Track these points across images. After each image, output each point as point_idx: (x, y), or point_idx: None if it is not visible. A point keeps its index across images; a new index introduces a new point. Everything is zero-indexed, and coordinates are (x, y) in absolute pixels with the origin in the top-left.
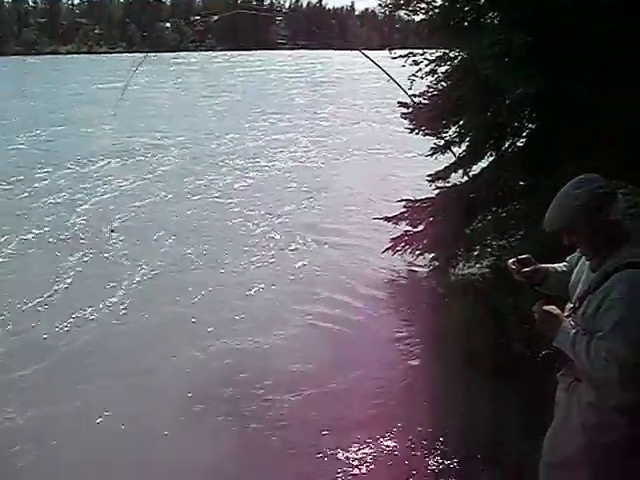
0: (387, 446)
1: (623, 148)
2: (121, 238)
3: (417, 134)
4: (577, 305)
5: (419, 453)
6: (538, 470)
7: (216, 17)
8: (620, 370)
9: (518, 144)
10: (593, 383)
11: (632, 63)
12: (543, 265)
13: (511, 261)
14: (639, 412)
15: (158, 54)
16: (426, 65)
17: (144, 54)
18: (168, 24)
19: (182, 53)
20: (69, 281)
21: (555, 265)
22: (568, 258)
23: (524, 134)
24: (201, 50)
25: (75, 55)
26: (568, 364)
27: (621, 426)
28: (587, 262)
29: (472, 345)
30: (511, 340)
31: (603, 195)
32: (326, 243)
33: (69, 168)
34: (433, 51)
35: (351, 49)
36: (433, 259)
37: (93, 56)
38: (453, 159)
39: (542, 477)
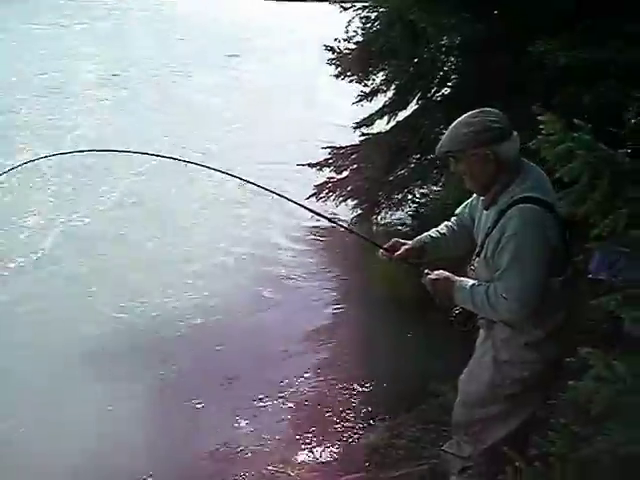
0: (310, 390)
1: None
2: None
3: (343, 79)
4: (480, 250)
5: (345, 394)
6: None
7: None
8: (520, 306)
9: (443, 92)
10: (508, 323)
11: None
12: (416, 239)
13: (380, 252)
14: (548, 347)
15: None
16: (355, 10)
17: None
18: None
19: None
20: None
21: (431, 232)
22: (458, 210)
23: (449, 83)
24: None
25: None
26: None
27: (532, 362)
28: (482, 208)
29: (398, 291)
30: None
31: (496, 130)
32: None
33: None
34: None
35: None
36: (356, 206)
37: None
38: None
39: (456, 416)
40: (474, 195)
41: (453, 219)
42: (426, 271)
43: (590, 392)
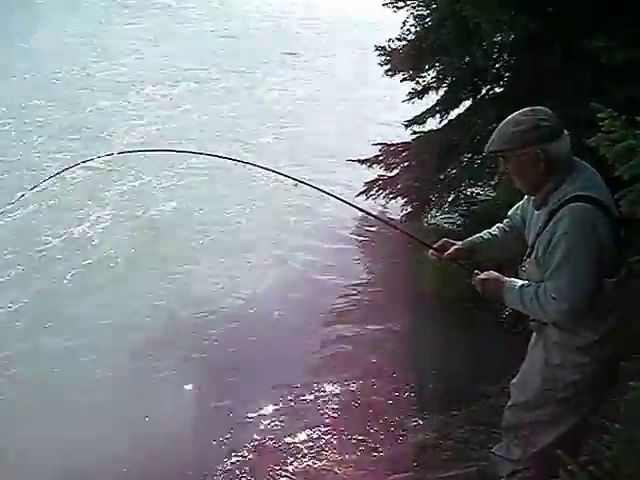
0: (360, 390)
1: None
2: None
3: (393, 76)
4: (530, 250)
5: (394, 393)
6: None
7: None
8: (570, 306)
9: (495, 90)
10: (559, 325)
11: (609, 10)
12: (466, 240)
13: (430, 252)
14: (601, 350)
15: None
16: (411, 8)
17: None
18: None
19: None
20: None
21: (482, 233)
22: (510, 212)
23: (501, 81)
24: None
25: None
26: None
27: (584, 365)
28: (534, 208)
29: (446, 292)
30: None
31: (546, 128)
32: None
33: None
34: None
35: None
36: (406, 204)
37: None
38: (430, 104)
39: (507, 419)
40: (525, 197)
41: (505, 221)
42: (476, 271)
43: None
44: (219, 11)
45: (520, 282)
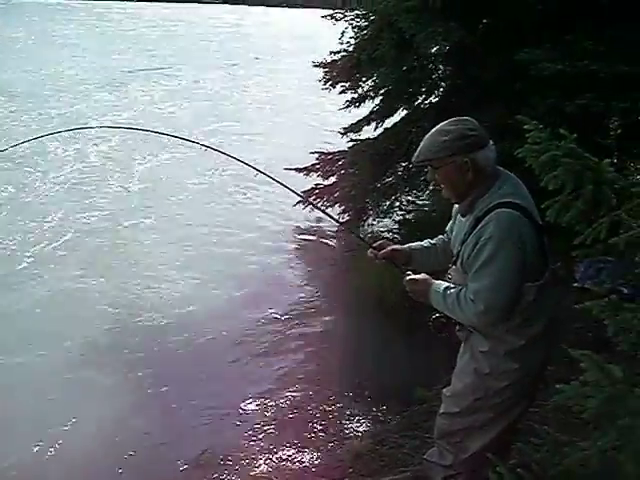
0: (295, 397)
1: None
2: None
3: (333, 87)
4: (456, 257)
5: (329, 400)
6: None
7: None
8: (486, 308)
9: (430, 100)
10: (484, 332)
11: (547, 19)
12: (406, 245)
13: (369, 251)
14: (530, 355)
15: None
16: (345, 21)
17: None
18: None
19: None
20: None
21: (423, 242)
22: (447, 227)
23: (436, 91)
24: None
25: None
26: None
27: (513, 371)
28: (460, 214)
29: (385, 298)
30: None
31: (472, 137)
32: (237, 190)
33: None
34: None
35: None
36: (343, 212)
37: None
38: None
39: (439, 426)
40: (454, 207)
41: (437, 238)
42: (408, 272)
43: (580, 396)
44: None
45: (445, 284)
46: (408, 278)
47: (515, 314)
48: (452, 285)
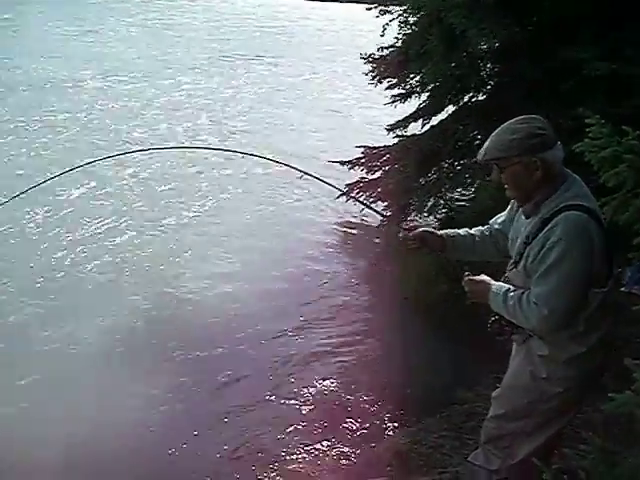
0: (335, 393)
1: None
2: None
3: (380, 82)
4: (518, 259)
5: (370, 398)
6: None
7: None
8: (550, 312)
9: (478, 97)
10: (546, 338)
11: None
12: (444, 231)
13: (401, 233)
14: (589, 362)
15: None
16: (395, 14)
17: None
18: None
19: None
20: None
21: (461, 230)
22: (492, 220)
23: (484, 89)
24: None
25: None
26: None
27: (571, 378)
28: (522, 215)
29: (425, 297)
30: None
31: (541, 136)
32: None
33: None
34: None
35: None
36: (386, 208)
37: None
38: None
39: (487, 429)
40: (508, 207)
41: (486, 226)
42: (466, 273)
43: (633, 405)
44: None
45: (507, 286)
46: (467, 278)
47: (579, 321)
48: (512, 288)
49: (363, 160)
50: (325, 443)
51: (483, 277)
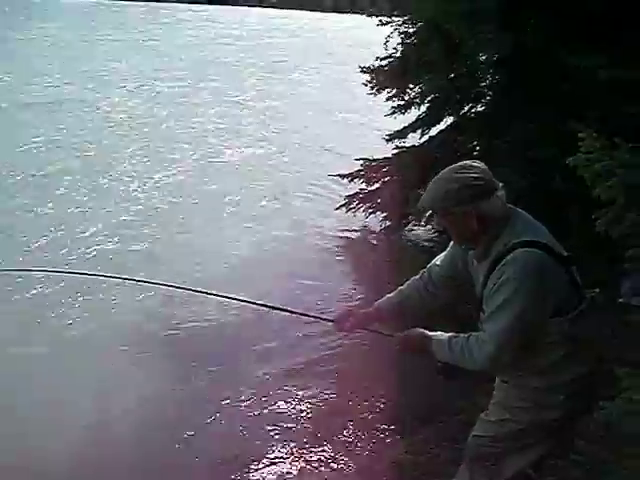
0: (334, 402)
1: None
2: None
3: (379, 92)
4: (480, 304)
5: (366, 407)
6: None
7: None
8: (496, 350)
9: (478, 108)
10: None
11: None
12: (378, 302)
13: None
14: (576, 385)
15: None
16: (394, 25)
17: None
18: None
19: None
20: None
21: (394, 293)
22: (430, 264)
23: (484, 99)
24: None
25: None
26: None
27: (559, 404)
28: (475, 260)
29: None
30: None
31: (478, 187)
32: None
33: None
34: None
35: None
36: (385, 219)
37: None
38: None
39: (472, 448)
40: (450, 245)
41: (418, 276)
42: (397, 334)
43: (624, 414)
44: None
45: (450, 334)
46: (401, 336)
47: (542, 352)
48: (454, 334)
49: (363, 172)
50: (320, 451)
51: (416, 330)
